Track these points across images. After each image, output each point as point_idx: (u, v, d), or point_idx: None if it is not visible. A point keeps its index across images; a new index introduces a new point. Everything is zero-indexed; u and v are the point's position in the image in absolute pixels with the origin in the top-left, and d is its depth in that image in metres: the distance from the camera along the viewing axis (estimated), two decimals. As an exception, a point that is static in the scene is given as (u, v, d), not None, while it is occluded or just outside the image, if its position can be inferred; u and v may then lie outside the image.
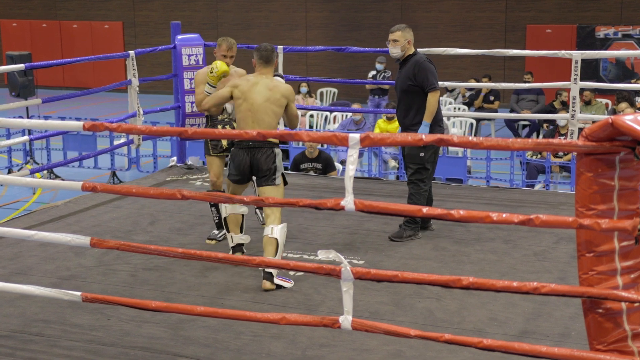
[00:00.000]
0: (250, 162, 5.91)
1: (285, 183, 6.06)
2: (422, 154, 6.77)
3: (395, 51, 6.80)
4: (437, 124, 6.84)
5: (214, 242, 6.80)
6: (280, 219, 5.84)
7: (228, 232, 6.21)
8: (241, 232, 6.24)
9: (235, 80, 6.10)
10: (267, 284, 5.72)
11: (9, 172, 11.79)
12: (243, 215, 6.24)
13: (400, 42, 6.77)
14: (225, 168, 6.66)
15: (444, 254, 6.44)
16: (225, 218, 6.20)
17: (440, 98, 15.63)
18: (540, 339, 4.81)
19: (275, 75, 6.23)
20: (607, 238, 3.50)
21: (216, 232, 6.87)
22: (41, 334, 4.98)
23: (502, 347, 3.71)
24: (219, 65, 6.45)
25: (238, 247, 6.22)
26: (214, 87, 6.49)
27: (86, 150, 11.30)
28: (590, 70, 17.68)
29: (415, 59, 6.79)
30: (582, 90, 12.85)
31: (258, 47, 6.10)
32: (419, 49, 8.38)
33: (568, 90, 8.69)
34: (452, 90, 16.00)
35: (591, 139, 3.44)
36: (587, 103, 13.57)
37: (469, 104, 15.73)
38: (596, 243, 3.51)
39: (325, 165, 9.64)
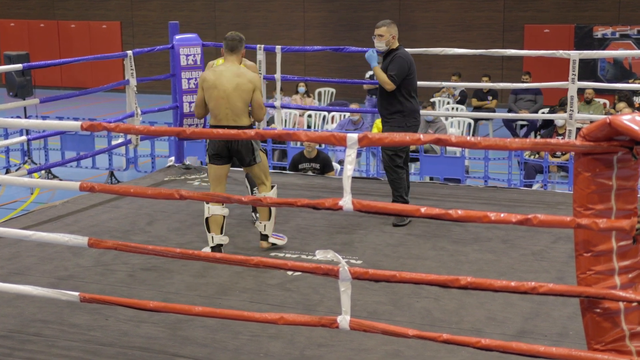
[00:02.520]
0: (227, 146, 6.28)
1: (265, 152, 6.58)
2: None
3: (380, 45, 7.24)
4: (412, 116, 7.22)
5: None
6: (270, 187, 6.56)
7: (209, 232, 6.32)
8: (221, 233, 6.36)
9: (202, 75, 6.39)
10: (264, 244, 6.50)
11: (7, 172, 11.79)
12: (224, 217, 6.35)
13: (385, 37, 7.19)
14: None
15: (442, 254, 6.44)
16: (207, 218, 6.31)
17: (439, 99, 15.75)
18: (538, 339, 4.82)
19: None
20: (605, 238, 3.51)
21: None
22: (39, 334, 4.98)
23: (500, 347, 3.71)
24: None
25: (217, 248, 6.32)
26: None
27: (84, 150, 11.30)
28: (588, 70, 17.70)
29: (394, 54, 7.20)
30: (581, 90, 12.88)
31: (225, 36, 6.41)
32: (417, 49, 8.47)
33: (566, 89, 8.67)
34: (439, 90, 15.96)
35: (589, 138, 3.44)
36: (588, 102, 13.59)
37: (462, 101, 15.74)
38: (594, 243, 3.51)
39: (323, 165, 9.64)
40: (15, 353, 4.75)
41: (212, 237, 6.30)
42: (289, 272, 5.89)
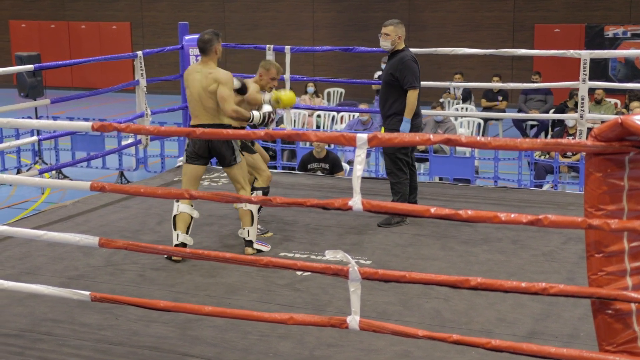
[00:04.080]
0: (208, 145, 6.32)
1: (250, 151, 6.68)
2: None
3: (385, 44, 7.20)
4: (415, 117, 7.18)
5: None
6: (249, 192, 6.53)
7: (175, 229, 6.34)
8: (187, 233, 6.37)
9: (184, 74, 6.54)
10: (249, 250, 6.41)
11: (18, 172, 11.82)
12: (192, 217, 6.40)
13: (391, 36, 7.16)
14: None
15: (451, 254, 6.43)
16: (175, 216, 6.35)
17: (449, 100, 15.74)
18: (549, 340, 4.80)
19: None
20: (617, 238, 3.49)
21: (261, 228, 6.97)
22: (50, 333, 5.00)
23: (510, 348, 3.70)
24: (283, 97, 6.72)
25: (181, 245, 6.31)
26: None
27: (94, 150, 11.31)
28: (599, 69, 17.63)
29: (401, 55, 7.15)
30: (592, 90, 12.83)
31: (198, 37, 6.47)
32: (427, 49, 8.45)
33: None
34: (445, 91, 15.91)
35: (600, 139, 3.42)
36: (598, 102, 13.54)
37: (466, 98, 15.72)
38: (605, 243, 3.50)
39: (332, 166, 9.64)
40: (27, 352, 4.77)
41: (178, 234, 6.33)
42: (299, 272, 5.89)
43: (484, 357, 4.52)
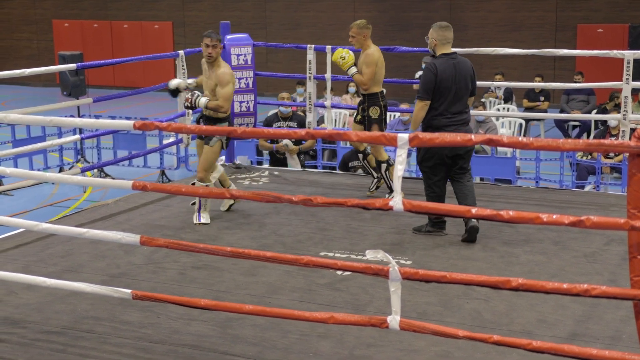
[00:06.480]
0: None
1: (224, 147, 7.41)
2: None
3: (429, 48, 7.07)
4: (463, 124, 6.71)
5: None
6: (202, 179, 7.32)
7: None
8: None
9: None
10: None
11: (61, 170, 11.97)
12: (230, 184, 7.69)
13: (429, 38, 6.98)
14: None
15: (492, 255, 6.39)
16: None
17: (491, 100, 15.62)
18: (590, 342, 4.75)
19: None
20: (661, 240, 3.45)
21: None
22: (92, 331, 5.05)
23: (551, 350, 3.67)
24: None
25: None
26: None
27: (136, 149, 11.43)
28: (642, 70, 17.38)
29: (428, 62, 6.92)
30: (635, 91, 12.65)
31: None
32: (468, 49, 8.38)
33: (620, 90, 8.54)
34: (487, 90, 15.78)
35: (644, 139, 3.38)
36: (643, 104, 13.36)
37: (508, 99, 15.60)
38: (649, 245, 3.46)
39: (376, 163, 9.61)
40: (69, 349, 4.83)
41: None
42: (339, 272, 5.89)
43: (525, 359, 4.49)
